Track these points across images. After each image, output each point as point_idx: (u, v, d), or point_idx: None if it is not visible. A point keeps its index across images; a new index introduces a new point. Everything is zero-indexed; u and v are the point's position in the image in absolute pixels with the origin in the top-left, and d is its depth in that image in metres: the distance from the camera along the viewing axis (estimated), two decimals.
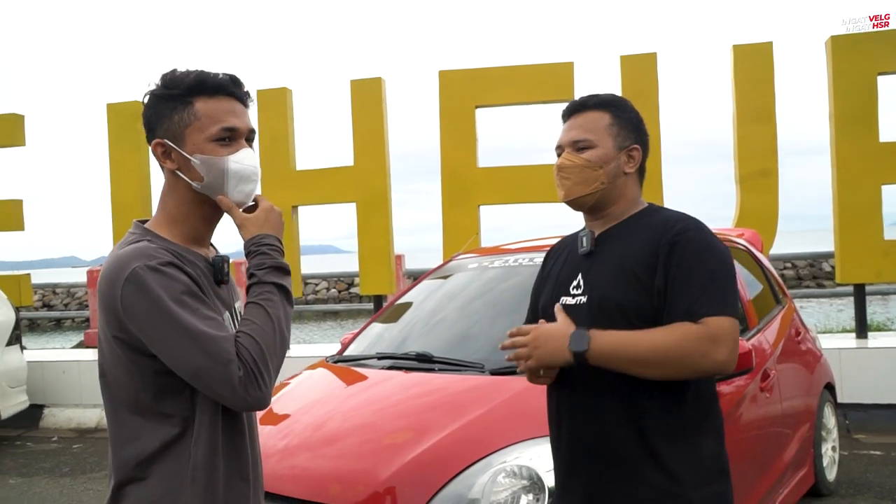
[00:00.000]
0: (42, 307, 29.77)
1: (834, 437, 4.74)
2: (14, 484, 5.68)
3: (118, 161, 8.26)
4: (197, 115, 1.60)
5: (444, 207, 7.35)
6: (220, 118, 1.61)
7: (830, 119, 6.78)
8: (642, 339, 1.80)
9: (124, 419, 1.59)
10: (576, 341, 1.81)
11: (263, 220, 1.65)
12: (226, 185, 1.61)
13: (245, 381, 1.48)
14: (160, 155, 1.64)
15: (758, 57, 6.91)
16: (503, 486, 2.38)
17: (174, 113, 1.61)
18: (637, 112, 2.07)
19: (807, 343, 4.55)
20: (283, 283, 1.61)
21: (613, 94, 2.08)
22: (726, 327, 1.80)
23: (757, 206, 6.89)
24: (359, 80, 7.57)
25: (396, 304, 4.11)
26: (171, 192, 1.66)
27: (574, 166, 1.99)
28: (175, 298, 1.49)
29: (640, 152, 2.02)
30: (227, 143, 1.61)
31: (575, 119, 2.04)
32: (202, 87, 1.61)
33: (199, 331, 1.48)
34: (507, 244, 4.44)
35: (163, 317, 1.48)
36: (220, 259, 1.69)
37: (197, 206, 1.65)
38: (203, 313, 1.51)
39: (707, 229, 1.92)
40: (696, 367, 1.80)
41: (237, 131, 1.62)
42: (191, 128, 1.60)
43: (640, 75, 6.89)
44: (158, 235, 1.61)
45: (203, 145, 1.60)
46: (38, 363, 7.71)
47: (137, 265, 1.50)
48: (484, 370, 3.04)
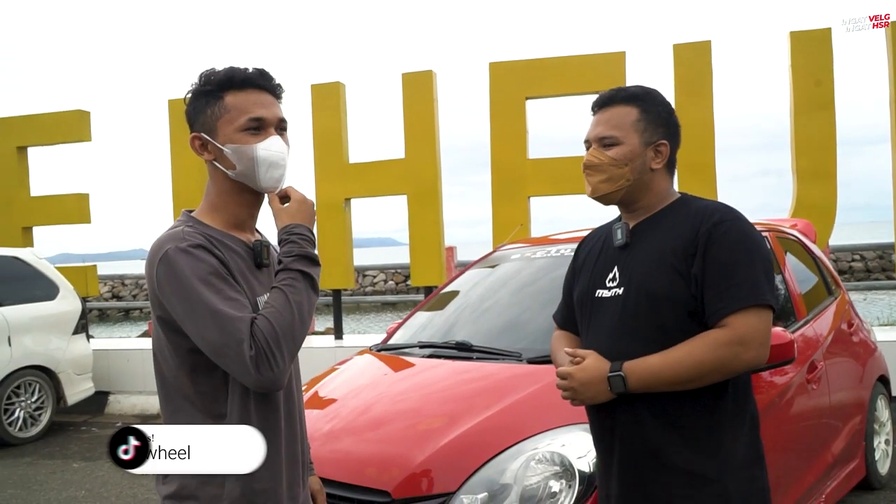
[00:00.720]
0: (112, 298, 30.82)
1: (888, 431, 4.64)
2: (77, 468, 5.94)
3: (179, 155, 8.51)
4: (227, 108, 1.70)
5: (494, 199, 7.39)
6: (247, 109, 1.70)
7: (891, 106, 6.59)
8: (675, 361, 1.84)
9: (170, 397, 1.71)
10: (615, 384, 1.88)
11: (296, 210, 1.73)
12: (256, 172, 1.70)
13: (256, 361, 1.55)
14: (198, 147, 1.75)
15: (816, 44, 6.76)
16: (535, 471, 2.42)
17: (207, 107, 1.72)
18: (667, 104, 2.06)
19: (859, 335, 4.46)
20: (308, 271, 1.68)
21: (642, 87, 2.07)
22: (753, 324, 1.82)
23: (814, 196, 6.75)
24: (410, 73, 7.66)
25: (440, 294, 4.18)
26: (212, 181, 1.77)
27: (600, 164, 2.00)
28: (201, 278, 1.58)
29: (667, 147, 2.01)
30: (256, 132, 1.70)
31: (602, 113, 2.05)
32: (231, 81, 1.71)
33: (218, 309, 1.56)
34: (551, 235, 4.47)
35: (189, 295, 1.58)
36: (259, 244, 1.78)
37: (235, 194, 1.75)
38: (226, 294, 1.60)
39: (744, 218, 1.94)
40: (730, 370, 1.85)
41: (264, 121, 1.71)
42: (222, 120, 1.70)
43: (693, 64, 6.80)
44: (201, 222, 1.73)
45: (233, 135, 1.70)
46: (104, 351, 8.03)
47: (169, 247, 1.61)
48: (521, 359, 3.09)
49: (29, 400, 6.87)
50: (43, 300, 7.18)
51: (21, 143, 9.04)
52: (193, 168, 8.46)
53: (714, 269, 1.86)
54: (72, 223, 9.13)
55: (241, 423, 1.66)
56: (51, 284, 7.32)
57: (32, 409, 6.89)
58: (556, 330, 2.28)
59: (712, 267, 1.86)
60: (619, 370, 1.88)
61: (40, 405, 6.96)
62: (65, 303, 7.32)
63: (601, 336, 2.01)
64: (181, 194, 8.48)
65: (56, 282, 7.37)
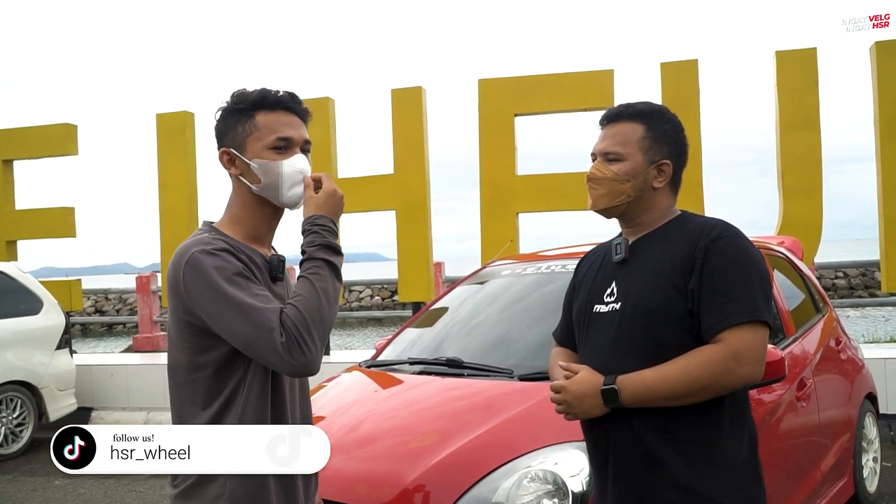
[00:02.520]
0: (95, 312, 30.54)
1: (875, 448, 4.64)
2: (59, 485, 5.85)
3: (166, 169, 8.48)
4: (257, 126, 1.79)
5: (483, 215, 7.40)
6: (276, 129, 1.79)
7: (875, 126, 6.67)
8: (670, 376, 1.84)
9: (182, 401, 1.76)
10: (608, 398, 1.88)
11: (323, 201, 1.79)
12: (280, 187, 1.79)
13: (288, 347, 1.61)
14: (226, 162, 1.83)
15: (801, 63, 6.84)
16: (528, 490, 2.40)
17: (238, 124, 1.80)
18: (676, 122, 2.06)
19: (847, 352, 4.48)
20: (332, 260, 1.73)
21: (652, 104, 2.07)
22: (748, 340, 1.82)
23: (800, 213, 6.80)
24: (399, 89, 7.67)
25: (430, 310, 4.16)
26: (235, 195, 1.85)
27: (603, 178, 2.01)
28: (227, 278, 1.66)
29: (670, 167, 2.01)
30: (283, 151, 1.79)
31: (609, 128, 2.05)
32: (263, 102, 1.80)
33: (246, 303, 1.63)
34: (541, 251, 4.46)
35: (216, 293, 1.65)
36: (276, 258, 1.85)
37: (257, 208, 1.83)
38: (253, 290, 1.67)
39: (742, 234, 1.94)
40: (724, 386, 1.85)
41: (291, 140, 1.80)
42: (251, 137, 1.79)
43: (680, 82, 6.86)
44: (221, 232, 1.80)
45: (261, 152, 1.78)
46: (87, 367, 7.94)
47: (195, 250, 1.69)
48: (513, 376, 3.07)
49: (10, 416, 6.76)
50: (26, 314, 7.09)
51: (7, 157, 8.98)
52: (180, 182, 8.43)
53: (711, 284, 1.86)
54: (57, 237, 9.06)
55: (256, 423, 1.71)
56: (34, 299, 7.24)
57: (14, 424, 6.79)
58: (554, 346, 2.27)
59: (709, 282, 1.86)
60: (613, 383, 1.87)
61: (22, 421, 6.86)
62: (48, 317, 7.24)
63: (598, 351, 2.01)
64: (168, 208, 8.44)
65: (40, 296, 7.29)
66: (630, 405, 1.87)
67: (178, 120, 8.49)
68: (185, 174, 8.46)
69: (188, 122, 8.52)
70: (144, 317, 10.66)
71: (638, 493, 1.93)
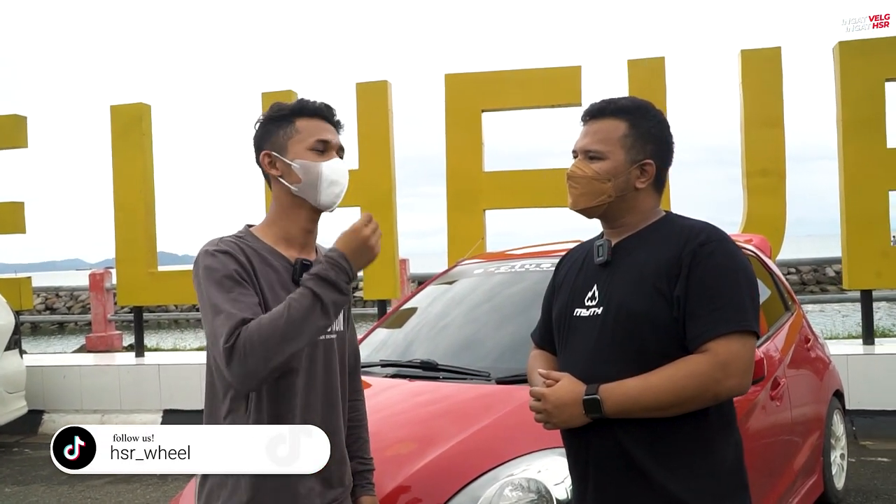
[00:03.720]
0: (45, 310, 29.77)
1: (843, 445, 4.68)
2: (10, 492, 5.61)
3: (121, 163, 8.22)
4: (298, 130, 1.93)
5: (450, 211, 7.32)
6: (315, 132, 1.94)
7: (838, 125, 6.74)
8: (654, 386, 1.76)
9: (210, 395, 1.90)
10: (590, 408, 1.81)
11: (345, 238, 1.83)
12: (319, 186, 1.91)
13: (230, 354, 1.67)
14: (266, 164, 1.94)
15: (766, 62, 6.89)
16: (510, 499, 2.31)
17: (279, 129, 1.94)
18: (660, 120, 1.97)
19: (816, 350, 4.50)
20: (320, 293, 1.73)
21: (636, 100, 1.99)
22: (736, 350, 1.75)
23: (764, 211, 6.85)
24: (365, 83, 7.54)
25: (401, 310, 4.06)
26: (274, 198, 1.98)
27: (583, 176, 1.93)
28: (215, 279, 1.77)
29: (653, 167, 1.93)
30: (321, 153, 1.93)
31: (591, 125, 1.97)
32: (303, 109, 1.95)
33: (216, 304, 1.73)
34: (512, 249, 4.39)
35: (201, 292, 1.78)
36: (300, 262, 1.91)
37: (293, 210, 1.94)
38: (234, 294, 1.75)
39: (730, 239, 1.87)
40: (711, 398, 1.78)
41: (329, 144, 1.94)
42: (292, 140, 1.92)
43: (648, 79, 6.84)
44: (253, 234, 1.94)
45: (302, 153, 1.91)
46: (38, 368, 7.66)
47: (203, 249, 1.84)
48: (490, 379, 2.98)
49: None
50: None
51: None
52: (136, 176, 8.18)
53: (697, 291, 1.78)
54: (6, 233, 8.74)
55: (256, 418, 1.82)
56: None
57: None
58: (533, 349, 2.19)
59: (696, 289, 1.78)
60: (595, 393, 1.80)
61: None
62: None
63: (578, 356, 1.92)
64: (124, 203, 8.18)
65: None
66: (613, 416, 1.80)
67: (133, 112, 8.23)
68: (141, 168, 8.20)
69: (144, 114, 8.26)
70: (98, 315, 10.34)
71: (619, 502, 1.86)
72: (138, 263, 8.16)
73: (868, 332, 6.82)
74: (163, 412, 7.36)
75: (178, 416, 7.27)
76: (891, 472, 5.16)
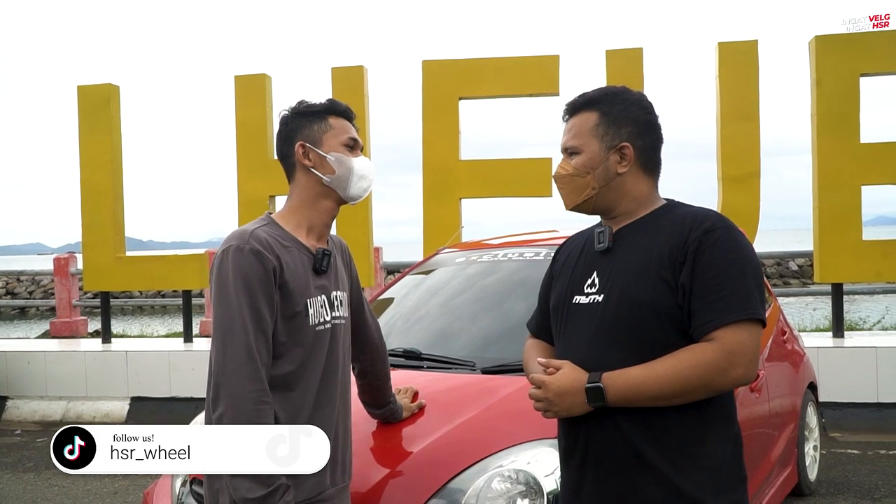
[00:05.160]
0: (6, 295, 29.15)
1: (816, 437, 4.73)
2: None
3: (88, 145, 8.02)
4: (332, 126, 2.09)
5: (425, 200, 7.26)
6: (348, 130, 2.12)
7: (812, 119, 6.79)
8: (659, 375, 1.73)
9: None
10: (593, 396, 1.77)
11: None
12: (350, 179, 2.07)
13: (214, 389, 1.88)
14: (300, 154, 2.07)
15: (743, 55, 6.91)
16: (499, 491, 2.27)
17: (314, 124, 2.08)
18: (634, 101, 1.93)
19: (792, 343, 4.53)
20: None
21: (604, 88, 1.97)
22: (743, 340, 1.72)
23: (739, 205, 6.88)
24: (340, 67, 7.45)
25: (380, 299, 3.99)
26: (298, 187, 2.10)
27: (565, 175, 1.93)
28: (246, 288, 1.89)
29: (631, 149, 1.89)
30: (352, 149, 2.11)
31: (569, 122, 1.97)
32: (334, 109, 2.12)
33: (244, 324, 1.88)
34: (491, 238, 4.34)
35: (227, 287, 1.90)
36: (321, 251, 2.06)
37: (319, 200, 2.09)
38: (257, 302, 1.89)
39: (735, 227, 1.84)
40: (716, 387, 1.75)
41: (358, 142, 2.14)
42: (327, 134, 2.08)
43: (625, 70, 6.83)
44: (275, 222, 2.06)
45: (337, 147, 2.08)
46: (1, 353, 7.50)
47: (231, 245, 1.94)
48: (475, 369, 2.94)
49: None
50: None
51: None
52: (103, 158, 7.99)
53: (703, 279, 1.75)
54: None
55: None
56: None
57: None
58: (529, 338, 2.15)
59: (701, 277, 1.75)
60: (598, 381, 1.76)
61: None
62: None
63: (577, 345, 1.89)
64: (91, 187, 7.99)
65: None
66: (615, 405, 1.76)
67: (101, 93, 8.03)
68: (108, 151, 8.01)
69: (112, 95, 8.07)
70: (63, 300, 10.12)
71: (620, 495, 1.83)
72: (105, 248, 7.98)
73: (839, 326, 6.90)
74: (130, 399, 7.22)
75: (146, 403, 7.15)
76: (860, 463, 5.23)
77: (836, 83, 6.66)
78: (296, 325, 1.97)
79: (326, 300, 2.06)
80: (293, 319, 1.96)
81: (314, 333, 2.01)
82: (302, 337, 1.98)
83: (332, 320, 2.07)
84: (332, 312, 2.07)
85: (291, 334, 1.96)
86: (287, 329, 1.95)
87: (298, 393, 1.96)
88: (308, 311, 1.99)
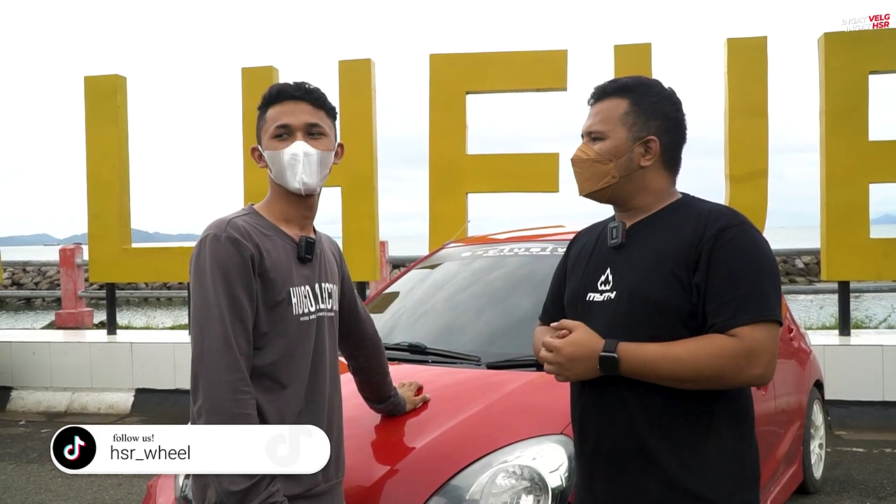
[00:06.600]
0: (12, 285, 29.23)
1: (821, 435, 4.72)
2: None
3: (95, 136, 8.02)
4: (266, 120, 1.98)
5: (432, 194, 7.24)
6: (276, 118, 1.95)
7: (821, 116, 6.75)
8: (674, 358, 1.71)
9: None
10: (606, 366, 1.76)
11: None
12: (284, 174, 1.95)
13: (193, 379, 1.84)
14: (256, 157, 2.03)
15: (752, 51, 6.87)
16: (503, 487, 2.26)
17: (259, 121, 2.01)
18: (666, 95, 1.90)
19: (798, 341, 4.51)
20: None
21: (640, 78, 1.94)
22: (762, 339, 1.69)
23: (746, 201, 6.84)
24: (347, 60, 7.42)
25: (385, 293, 3.98)
26: (270, 182, 2.03)
27: (586, 159, 1.89)
28: (223, 277, 1.83)
29: (657, 143, 1.86)
30: (284, 139, 1.95)
31: (595, 106, 1.93)
32: (271, 97, 1.98)
33: (222, 318, 1.81)
34: (497, 233, 4.33)
35: (205, 276, 1.84)
36: (304, 238, 2.00)
37: (282, 194, 2.00)
38: (234, 290, 1.83)
39: (751, 224, 1.81)
40: (729, 382, 1.73)
41: (290, 127, 1.94)
42: (263, 129, 1.99)
43: (633, 65, 6.78)
44: (257, 212, 2.00)
45: (268, 143, 1.96)
46: (6, 343, 7.52)
47: (208, 234, 1.88)
48: (480, 363, 2.92)
49: None
50: None
51: None
52: (110, 149, 7.99)
53: (719, 277, 1.72)
54: None
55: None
56: None
57: None
58: (538, 325, 2.14)
59: (717, 276, 1.72)
60: (613, 351, 1.75)
61: None
62: None
63: None
64: (97, 178, 8.00)
65: None
66: (629, 375, 1.76)
67: (108, 84, 8.03)
68: (115, 142, 8.01)
69: (119, 86, 8.06)
70: (68, 291, 10.12)
71: (630, 493, 1.82)
72: (111, 239, 7.99)
73: (845, 323, 6.87)
74: (135, 391, 7.23)
75: (151, 395, 7.16)
76: (866, 462, 5.21)
77: (844, 81, 6.63)
78: (278, 315, 1.90)
79: (311, 291, 1.99)
80: (275, 308, 1.90)
81: (298, 324, 1.94)
82: (285, 327, 1.91)
83: (317, 312, 2.00)
84: (318, 304, 2.00)
85: (274, 324, 1.89)
86: (269, 319, 1.89)
87: (286, 386, 1.91)
88: (291, 301, 1.92)
